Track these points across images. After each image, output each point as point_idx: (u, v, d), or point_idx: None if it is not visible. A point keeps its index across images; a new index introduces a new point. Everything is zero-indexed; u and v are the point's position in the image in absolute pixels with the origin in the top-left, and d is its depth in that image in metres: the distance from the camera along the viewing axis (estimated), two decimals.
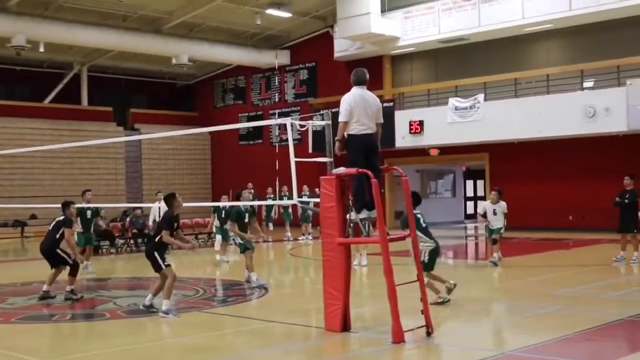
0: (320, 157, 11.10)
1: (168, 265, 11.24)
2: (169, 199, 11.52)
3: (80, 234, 17.49)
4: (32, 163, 32.58)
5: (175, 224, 11.42)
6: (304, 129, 26.59)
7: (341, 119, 9.57)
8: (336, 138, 9.64)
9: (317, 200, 10.38)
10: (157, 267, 11.22)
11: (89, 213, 17.79)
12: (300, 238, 25.90)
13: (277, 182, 25.20)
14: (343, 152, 9.62)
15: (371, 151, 9.63)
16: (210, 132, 36.90)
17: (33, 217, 31.41)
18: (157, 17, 32.15)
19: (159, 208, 21.98)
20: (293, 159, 10.96)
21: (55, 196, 27.78)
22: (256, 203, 25.37)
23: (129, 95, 39.62)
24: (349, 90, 9.82)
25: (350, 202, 9.63)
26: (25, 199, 31.22)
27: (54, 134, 32.62)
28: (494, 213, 17.16)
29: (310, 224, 26.05)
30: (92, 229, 18.16)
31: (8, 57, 32.74)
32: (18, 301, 13.06)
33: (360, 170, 9.28)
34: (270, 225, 27.45)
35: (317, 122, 16.65)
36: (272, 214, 27.48)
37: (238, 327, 10.66)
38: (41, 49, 30.97)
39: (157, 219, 21.69)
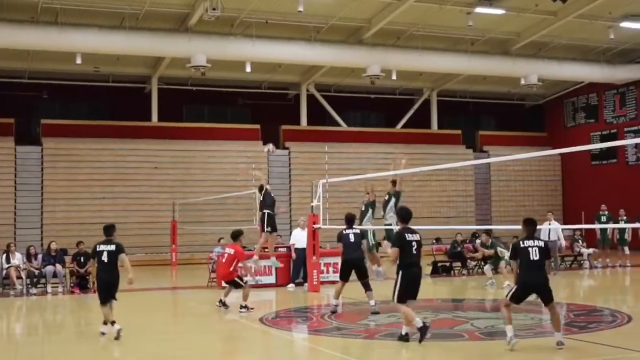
0: None
1: None
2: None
3: None
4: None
5: None
6: None
7: None
8: None
9: None
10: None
11: None
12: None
13: None
14: None
15: None
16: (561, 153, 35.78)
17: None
18: (506, 38, 32.02)
19: (549, 230, 22.10)
20: None
21: None
22: (610, 226, 24.37)
23: (477, 118, 40.05)
24: None
25: None
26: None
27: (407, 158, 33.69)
28: None
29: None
30: None
31: (363, 87, 34.67)
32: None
33: None
34: (626, 249, 25.67)
35: None
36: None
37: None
38: (393, 77, 32.38)
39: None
